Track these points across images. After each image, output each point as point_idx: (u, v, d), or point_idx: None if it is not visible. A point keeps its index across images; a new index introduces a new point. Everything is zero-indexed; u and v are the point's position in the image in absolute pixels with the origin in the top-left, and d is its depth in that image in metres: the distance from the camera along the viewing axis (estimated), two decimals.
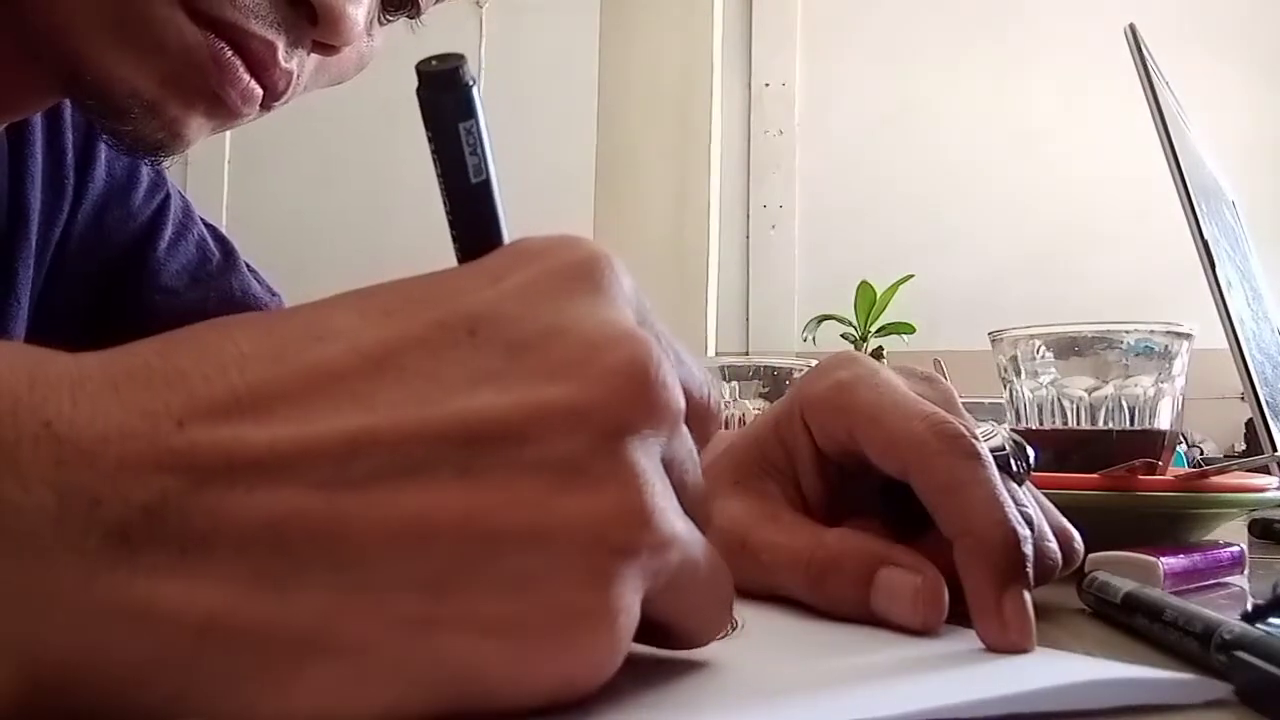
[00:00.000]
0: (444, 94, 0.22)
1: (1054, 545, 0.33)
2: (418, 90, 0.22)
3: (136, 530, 0.17)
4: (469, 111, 0.22)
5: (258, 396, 0.18)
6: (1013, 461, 0.33)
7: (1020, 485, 0.33)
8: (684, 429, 0.22)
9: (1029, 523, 0.31)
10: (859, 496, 0.35)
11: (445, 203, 0.23)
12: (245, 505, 0.17)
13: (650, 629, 0.21)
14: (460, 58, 0.22)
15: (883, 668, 0.26)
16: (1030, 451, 0.35)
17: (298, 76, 0.44)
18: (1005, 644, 0.28)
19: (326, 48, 0.44)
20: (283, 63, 0.43)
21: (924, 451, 0.31)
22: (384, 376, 0.19)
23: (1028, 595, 0.28)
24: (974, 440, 0.31)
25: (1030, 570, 0.29)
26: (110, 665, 0.17)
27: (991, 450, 0.33)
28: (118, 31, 0.40)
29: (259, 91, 0.43)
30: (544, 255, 0.21)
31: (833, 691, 0.23)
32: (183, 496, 0.17)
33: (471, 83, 0.22)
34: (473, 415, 0.19)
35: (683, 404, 0.21)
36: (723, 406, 0.24)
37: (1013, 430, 0.35)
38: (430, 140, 0.22)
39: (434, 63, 0.22)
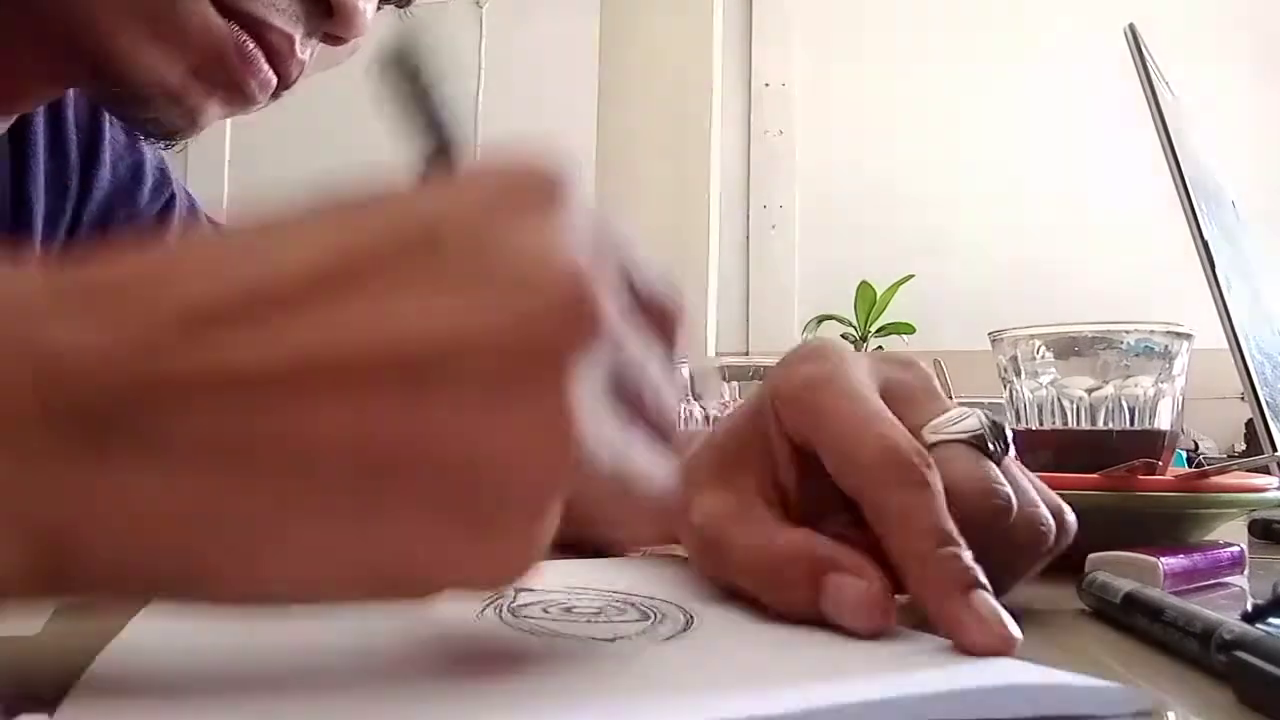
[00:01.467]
0: (408, 63, 0.24)
1: (1042, 510, 0.33)
2: (384, 68, 0.23)
3: (111, 428, 0.19)
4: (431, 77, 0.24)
5: (215, 307, 0.19)
6: (989, 442, 0.33)
7: (998, 464, 0.33)
8: (630, 343, 0.23)
9: (1007, 501, 0.32)
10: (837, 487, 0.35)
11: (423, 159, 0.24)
12: (202, 412, 0.19)
13: (579, 525, 0.23)
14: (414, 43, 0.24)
15: (813, 667, 0.26)
16: (1008, 432, 0.35)
17: (307, 66, 0.46)
18: (992, 643, 0.27)
19: (335, 39, 0.46)
20: (299, 53, 0.45)
21: (872, 480, 0.31)
22: (334, 288, 0.20)
23: (989, 597, 0.28)
24: (924, 469, 0.31)
25: (983, 578, 0.29)
26: (99, 545, 0.19)
27: (967, 432, 0.33)
28: (145, 23, 0.42)
29: (275, 80, 0.45)
30: (504, 173, 0.22)
31: (735, 689, 0.23)
32: (148, 401, 0.19)
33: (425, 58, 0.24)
34: (414, 331, 0.20)
35: (615, 324, 0.22)
36: (683, 306, 0.26)
37: (999, 419, 0.35)
38: (407, 106, 0.24)
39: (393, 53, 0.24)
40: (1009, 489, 0.32)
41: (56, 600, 0.20)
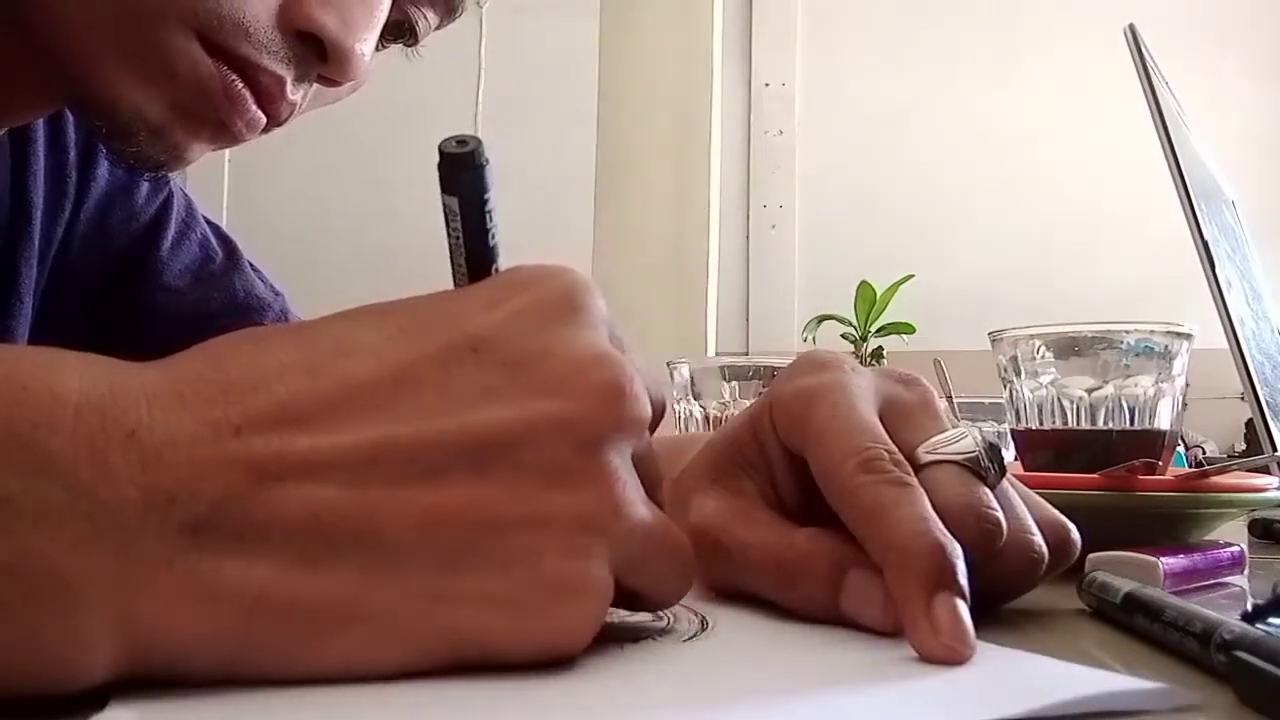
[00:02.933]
0: (466, 172, 0.27)
1: (1037, 538, 0.33)
2: (440, 166, 0.26)
3: (205, 521, 0.20)
4: (485, 186, 0.27)
5: (299, 407, 0.22)
6: (983, 464, 0.33)
7: (993, 488, 0.33)
8: (647, 432, 0.26)
9: (997, 524, 0.31)
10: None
11: (459, 253, 0.27)
12: (291, 499, 0.21)
13: (626, 597, 0.26)
14: (476, 140, 0.27)
15: (844, 672, 0.26)
16: (1005, 453, 0.34)
17: (300, 106, 0.46)
18: (939, 651, 0.26)
19: (331, 81, 0.45)
20: (289, 95, 0.44)
21: (850, 485, 0.31)
22: (403, 390, 0.23)
23: (960, 602, 0.27)
24: (902, 473, 0.31)
25: (963, 580, 0.28)
26: (183, 634, 0.21)
27: (961, 454, 0.33)
28: (132, 58, 0.41)
29: (263, 120, 0.44)
30: (533, 285, 0.26)
31: (789, 697, 0.23)
32: (241, 492, 0.21)
33: (487, 162, 0.27)
34: (478, 426, 0.23)
35: (649, 413, 0.25)
36: (664, 403, 0.29)
37: (996, 440, 0.34)
38: (453, 207, 0.27)
39: (454, 144, 0.26)
40: (999, 513, 0.32)
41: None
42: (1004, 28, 2.54)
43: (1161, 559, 0.40)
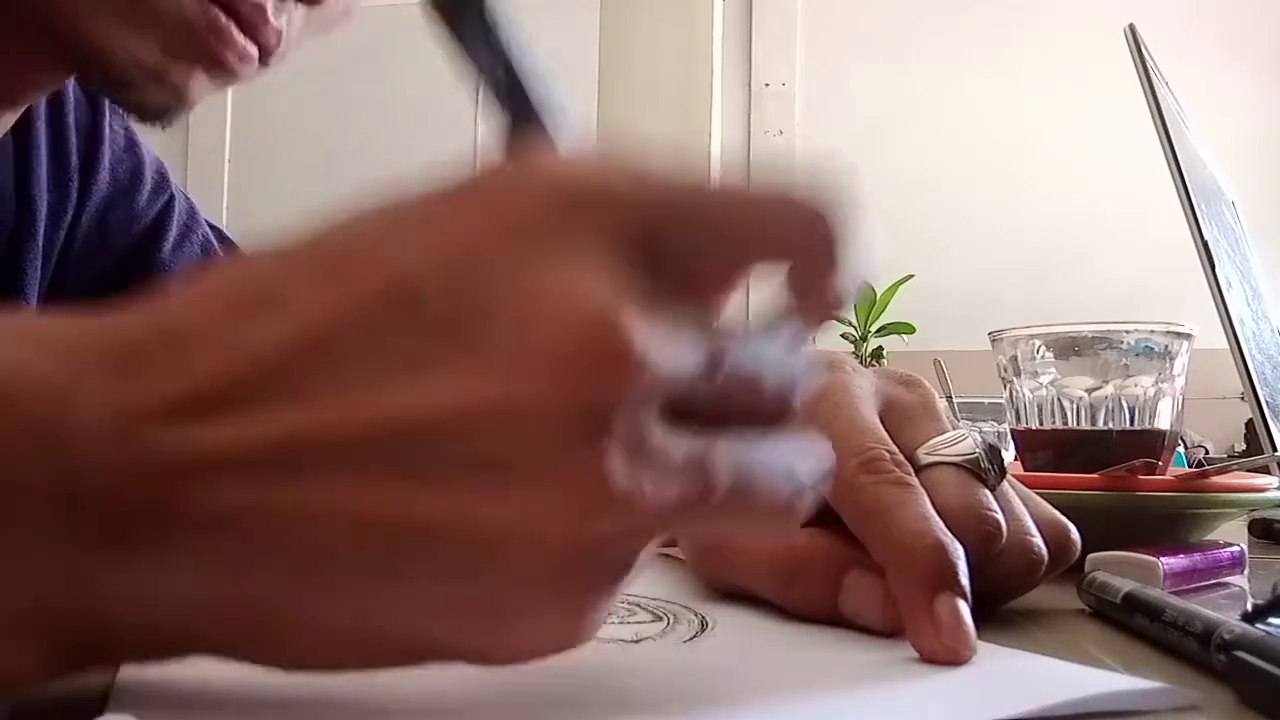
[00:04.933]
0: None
1: (1036, 540, 0.33)
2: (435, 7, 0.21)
3: (128, 527, 0.18)
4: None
5: (207, 391, 0.19)
6: (983, 466, 0.33)
7: (993, 490, 0.33)
8: (689, 356, 0.20)
9: (996, 526, 0.31)
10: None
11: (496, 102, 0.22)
12: (201, 500, 0.18)
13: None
14: None
15: (846, 673, 0.26)
16: (1004, 455, 0.34)
17: (287, 33, 0.46)
18: (940, 651, 0.26)
19: (312, 1, 0.46)
20: (272, 21, 0.45)
21: (852, 486, 0.31)
22: (320, 361, 0.19)
23: (961, 602, 0.27)
24: (903, 473, 0.31)
25: (964, 580, 0.28)
26: (123, 634, 0.19)
27: (961, 455, 0.33)
28: (119, 7, 0.42)
29: (254, 51, 0.45)
30: (501, 197, 0.20)
31: (791, 698, 0.23)
32: (158, 497, 0.18)
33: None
34: (404, 414, 0.18)
35: (648, 377, 0.19)
36: (792, 385, 0.22)
37: (995, 442, 0.34)
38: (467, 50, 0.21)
39: None
40: (999, 515, 0.32)
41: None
42: (1004, 28, 2.54)
43: (1161, 559, 0.40)
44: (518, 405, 0.18)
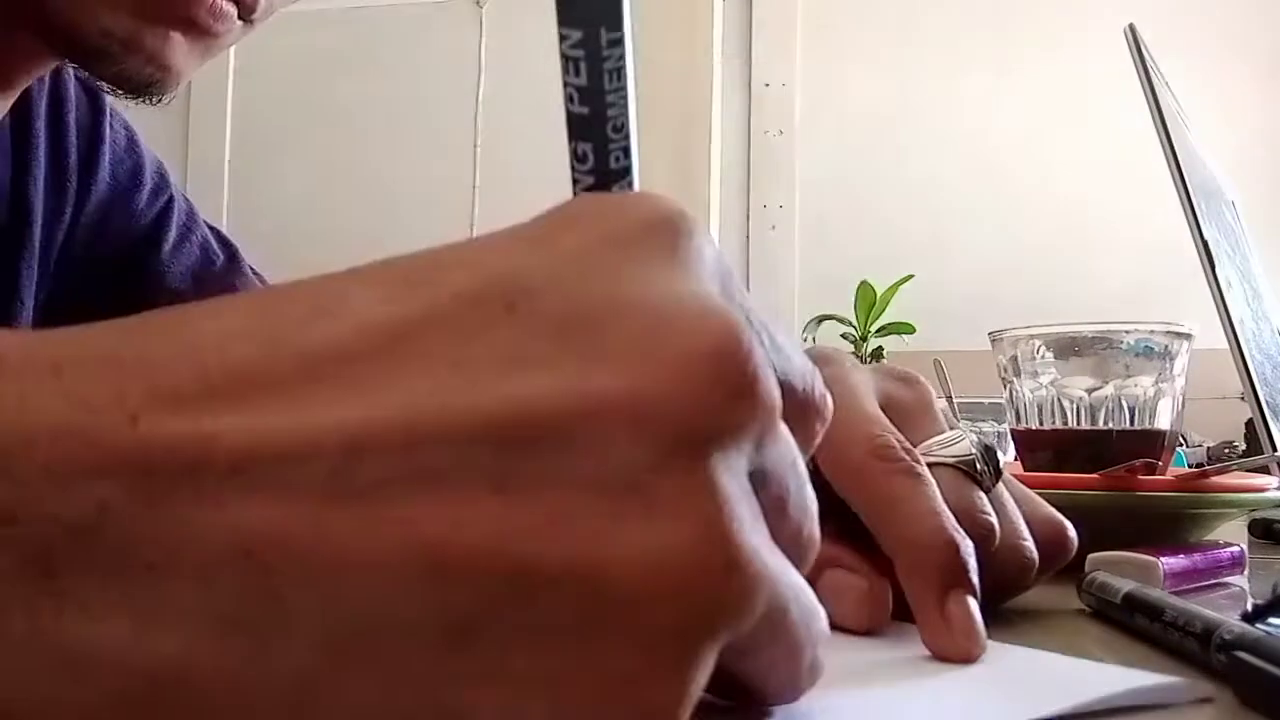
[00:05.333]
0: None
1: (1029, 544, 0.33)
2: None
3: (62, 557, 0.13)
4: (579, 18, 0.19)
5: (236, 381, 0.14)
6: (978, 467, 0.33)
7: (988, 492, 0.33)
8: (783, 432, 0.17)
9: (990, 530, 0.31)
10: (825, 489, 0.35)
11: (572, 131, 0.20)
12: (211, 523, 0.13)
13: (721, 680, 0.17)
14: None
15: (868, 673, 0.26)
16: (1000, 456, 0.35)
17: None
18: (951, 649, 0.27)
19: None
20: None
21: (862, 474, 0.31)
22: (399, 361, 0.15)
23: (972, 600, 0.28)
24: (914, 462, 0.31)
25: (974, 577, 0.28)
26: (49, 715, 0.13)
27: (956, 456, 0.33)
28: None
29: (230, 8, 0.44)
30: (606, 215, 0.17)
31: (823, 697, 0.23)
32: (126, 511, 0.13)
33: None
34: (507, 410, 0.14)
35: (778, 400, 0.16)
36: (828, 400, 0.19)
37: (991, 443, 0.35)
38: (567, 46, 0.19)
39: None
40: (993, 517, 0.32)
41: None
42: (1004, 28, 2.53)
43: (1161, 559, 0.40)
44: (646, 406, 0.15)
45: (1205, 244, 0.49)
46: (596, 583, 0.14)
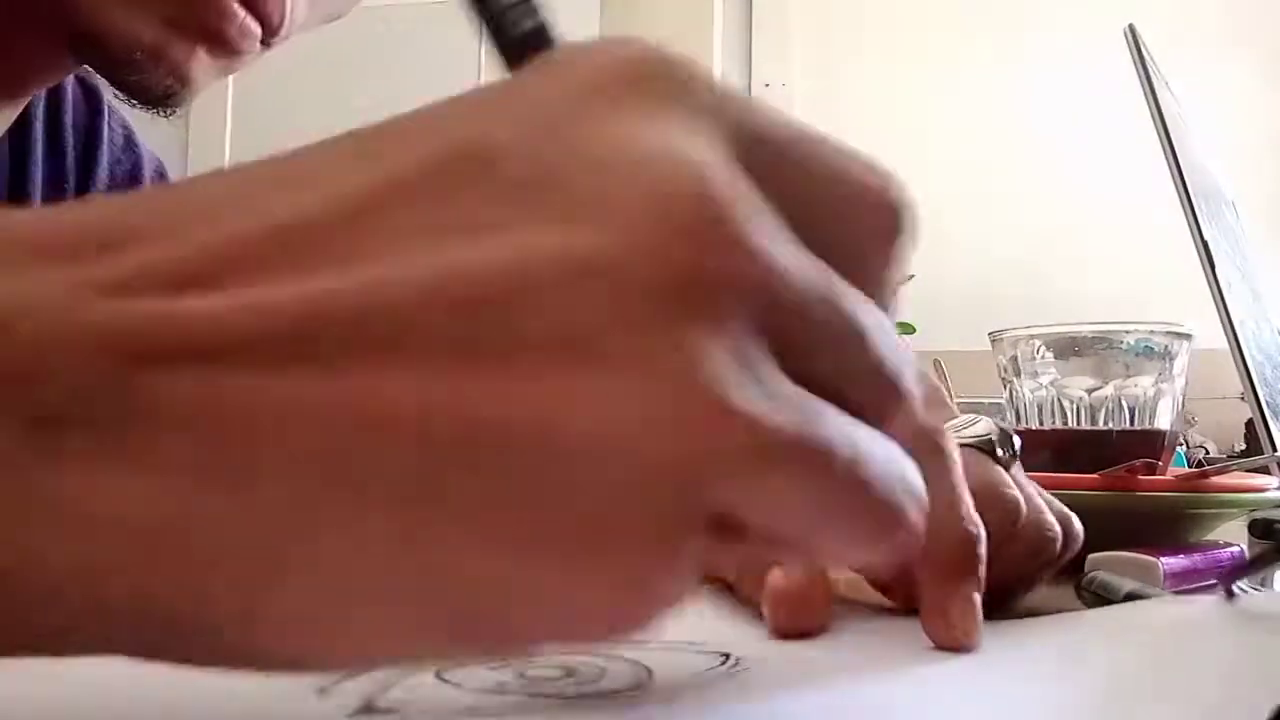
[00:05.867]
0: None
1: (1052, 520, 0.33)
2: None
3: (66, 412, 0.14)
4: None
5: (209, 257, 0.15)
6: (998, 448, 0.34)
7: (1007, 469, 0.34)
8: (812, 277, 0.15)
9: (1017, 506, 0.32)
10: None
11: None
12: (189, 386, 0.14)
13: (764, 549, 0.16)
14: None
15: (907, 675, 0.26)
16: (1017, 440, 0.35)
17: (291, 8, 0.45)
18: (950, 642, 0.28)
19: None
20: None
21: None
22: (365, 228, 0.15)
23: (976, 595, 0.28)
24: (940, 439, 0.31)
25: (982, 571, 0.29)
26: (49, 570, 0.14)
27: (976, 437, 0.33)
28: None
29: (256, 27, 0.44)
30: (581, 63, 0.16)
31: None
32: (116, 373, 0.14)
33: None
34: (464, 273, 0.14)
35: (778, 257, 0.15)
36: (908, 219, 0.17)
37: (1007, 426, 0.35)
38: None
39: None
40: (1017, 493, 0.32)
41: None
42: (1004, 28, 2.53)
43: (1161, 559, 0.40)
44: (603, 258, 0.14)
45: (1205, 244, 0.49)
46: (555, 440, 0.14)
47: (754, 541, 0.15)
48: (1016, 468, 0.35)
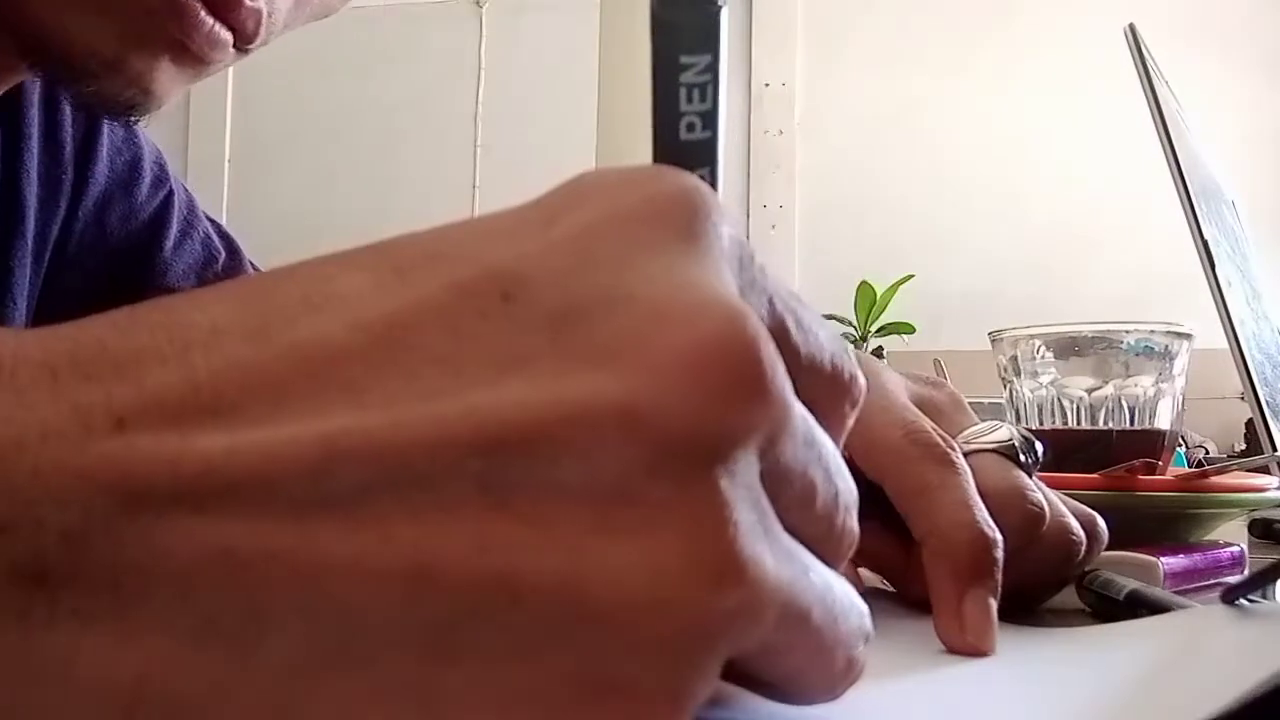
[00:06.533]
0: (679, 11, 0.17)
1: (1075, 524, 0.33)
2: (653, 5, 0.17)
3: (54, 564, 0.13)
4: (702, 43, 0.18)
5: (222, 387, 0.14)
6: (1020, 453, 0.34)
7: (1029, 474, 0.34)
8: (801, 426, 0.16)
9: (1041, 509, 0.32)
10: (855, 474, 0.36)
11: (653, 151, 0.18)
12: (192, 534, 0.13)
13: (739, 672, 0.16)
14: None
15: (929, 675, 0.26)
16: (1039, 446, 0.35)
17: (269, 14, 0.42)
18: (962, 646, 0.27)
19: None
20: (248, 1, 0.40)
21: (898, 458, 0.31)
22: (387, 361, 0.14)
23: (991, 599, 0.28)
24: (949, 449, 0.31)
25: (998, 575, 0.29)
26: None
27: (998, 443, 0.33)
28: None
29: (226, 36, 0.40)
30: (613, 192, 0.16)
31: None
32: (113, 519, 0.13)
33: (721, 4, 0.18)
34: (494, 415, 0.14)
35: (790, 397, 0.15)
36: (860, 382, 0.19)
37: (1029, 434, 0.35)
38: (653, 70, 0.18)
39: None
40: (1042, 499, 0.32)
41: None
42: (1004, 28, 2.53)
43: (1161, 559, 0.40)
44: (634, 407, 0.14)
45: (1205, 244, 0.49)
46: (582, 595, 0.14)
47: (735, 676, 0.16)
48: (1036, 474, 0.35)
